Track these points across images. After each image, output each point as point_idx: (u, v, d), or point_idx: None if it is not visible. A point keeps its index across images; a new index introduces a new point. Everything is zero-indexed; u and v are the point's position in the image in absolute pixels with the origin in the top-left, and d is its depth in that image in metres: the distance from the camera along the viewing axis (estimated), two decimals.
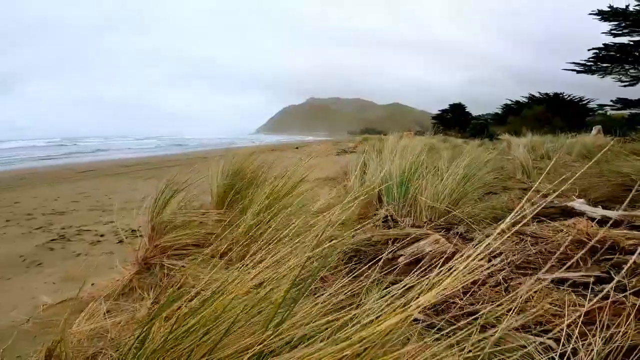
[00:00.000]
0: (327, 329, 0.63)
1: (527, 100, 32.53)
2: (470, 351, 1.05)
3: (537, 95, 31.83)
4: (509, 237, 1.61)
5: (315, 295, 0.81)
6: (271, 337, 0.60)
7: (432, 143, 9.81)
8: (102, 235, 3.30)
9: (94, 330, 1.48)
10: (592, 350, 0.94)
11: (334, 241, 1.16)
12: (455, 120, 38.74)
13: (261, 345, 0.59)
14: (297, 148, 18.96)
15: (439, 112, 42.35)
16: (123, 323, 1.50)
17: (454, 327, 1.20)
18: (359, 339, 0.57)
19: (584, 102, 29.90)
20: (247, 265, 0.82)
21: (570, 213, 1.92)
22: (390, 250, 1.56)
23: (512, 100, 34.72)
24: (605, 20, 24.49)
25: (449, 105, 41.36)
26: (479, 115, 39.89)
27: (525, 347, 1.04)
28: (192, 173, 2.69)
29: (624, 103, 25.52)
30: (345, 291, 0.84)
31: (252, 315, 0.68)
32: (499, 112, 35.87)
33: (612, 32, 24.41)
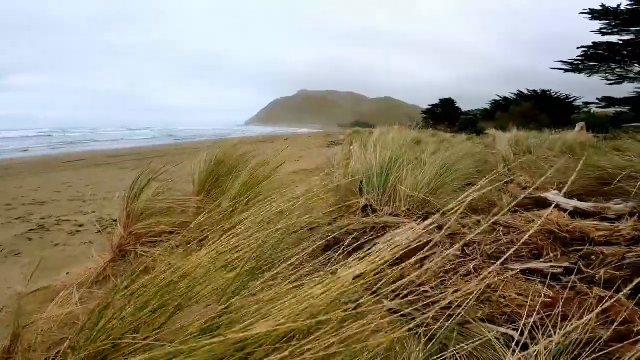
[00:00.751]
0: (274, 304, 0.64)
1: (515, 97, 32.99)
2: (430, 338, 1.07)
3: (525, 92, 32.30)
4: (484, 227, 1.64)
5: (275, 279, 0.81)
6: (222, 312, 0.60)
7: (420, 137, 9.88)
8: (81, 226, 3.26)
9: (67, 317, 1.47)
10: (552, 341, 0.96)
11: (286, 223, 1.17)
12: (444, 115, 39.02)
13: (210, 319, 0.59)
14: (286, 139, 18.88)
15: (429, 106, 42.54)
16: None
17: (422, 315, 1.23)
18: (302, 309, 0.58)
19: (570, 100, 30.44)
20: (212, 248, 0.82)
21: (544, 204, 1.96)
22: (366, 240, 1.57)
23: (500, 97, 35.20)
24: (595, 19, 24.66)
25: (439, 100, 41.59)
26: (469, 110, 40.28)
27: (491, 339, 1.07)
28: (177, 163, 2.67)
29: (609, 101, 26.02)
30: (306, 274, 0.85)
31: (208, 291, 0.69)
32: (488, 108, 36.33)
33: (602, 30, 24.63)
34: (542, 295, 1.15)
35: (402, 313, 1.11)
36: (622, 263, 1.30)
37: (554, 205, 1.93)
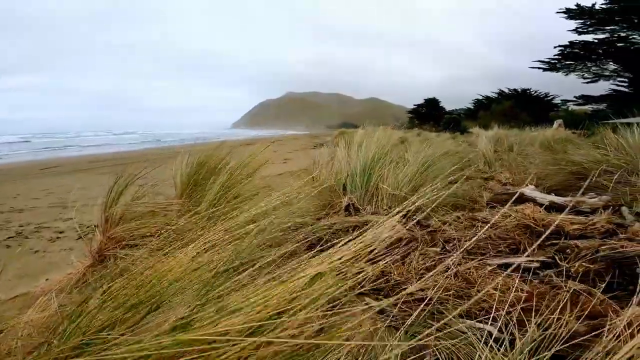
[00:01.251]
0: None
1: (497, 96, 33.86)
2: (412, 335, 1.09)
3: (506, 91, 33.18)
4: (462, 222, 1.67)
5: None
6: (198, 309, 0.60)
7: (405, 136, 10.01)
8: (61, 232, 3.21)
9: (47, 321, 1.45)
10: (528, 337, 0.98)
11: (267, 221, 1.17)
12: (429, 114, 39.60)
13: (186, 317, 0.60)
14: (273, 142, 18.81)
15: (415, 106, 43.10)
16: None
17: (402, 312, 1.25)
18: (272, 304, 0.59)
19: (549, 98, 31.40)
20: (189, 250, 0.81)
21: (521, 199, 2.01)
22: (348, 240, 1.58)
23: (482, 96, 36.03)
24: (571, 19, 25.42)
25: (424, 100, 42.21)
26: (453, 110, 41.04)
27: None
28: (158, 166, 2.64)
29: (586, 99, 26.95)
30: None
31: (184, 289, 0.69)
32: (471, 107, 37.13)
33: (578, 30, 25.41)
34: (519, 290, 1.18)
35: (380, 309, 1.12)
36: (596, 256, 1.34)
37: (534, 201, 1.98)
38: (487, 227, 1.43)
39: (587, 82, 26.58)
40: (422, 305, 1.27)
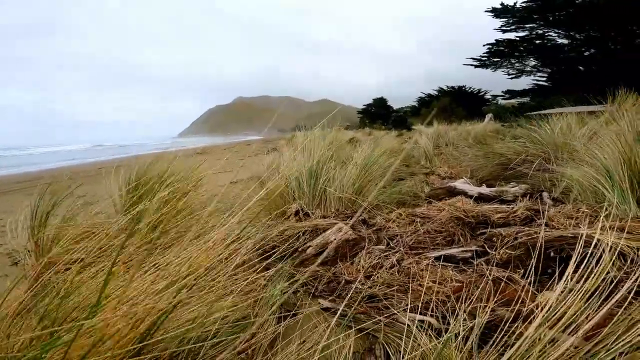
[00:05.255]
0: None
1: (437, 93, 36.27)
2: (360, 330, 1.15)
3: (445, 88, 35.62)
4: (404, 218, 1.79)
5: None
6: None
7: (356, 136, 10.29)
8: None
9: None
10: (459, 326, 1.07)
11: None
12: (378, 113, 41.14)
13: None
14: (225, 149, 18.30)
15: (364, 106, 44.51)
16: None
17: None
18: None
19: (481, 94, 34.26)
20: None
21: (454, 192, 2.19)
22: (301, 249, 1.62)
23: (425, 94, 38.31)
24: (497, 17, 27.25)
25: (373, 99, 43.81)
26: (400, 108, 43.08)
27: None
28: (97, 182, 2.47)
29: (511, 94, 29.60)
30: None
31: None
32: (415, 104, 39.31)
33: (502, 28, 27.42)
34: (454, 280, 1.30)
35: (331, 309, 1.17)
36: (515, 243, 1.50)
37: (465, 193, 2.15)
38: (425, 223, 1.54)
39: (511, 78, 28.97)
40: (370, 303, 1.36)
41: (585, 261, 0.95)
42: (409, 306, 1.27)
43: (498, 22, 27.44)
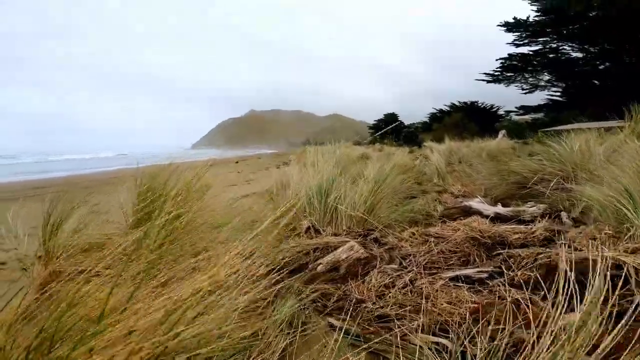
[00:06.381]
0: None
1: (448, 109, 35.95)
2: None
3: (457, 103, 35.26)
4: (417, 238, 1.75)
5: None
6: None
7: (367, 152, 10.30)
8: (3, 263, 2.96)
9: None
10: (478, 348, 1.03)
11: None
12: (389, 129, 41.12)
13: None
14: (237, 162, 18.53)
15: (375, 122, 44.60)
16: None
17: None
18: None
19: (494, 110, 33.71)
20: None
21: (469, 212, 2.14)
22: (312, 266, 1.60)
23: (437, 109, 38.09)
24: (510, 32, 26.84)
25: (384, 115, 43.89)
26: (411, 124, 42.97)
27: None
28: (110, 192, 2.50)
29: (525, 109, 28.93)
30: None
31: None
32: (427, 120, 39.10)
33: (515, 42, 27.00)
34: (469, 301, 1.25)
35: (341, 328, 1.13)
36: (535, 264, 1.45)
37: (480, 213, 2.10)
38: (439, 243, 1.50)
39: (525, 93, 28.43)
40: (381, 323, 1.31)
41: (609, 283, 0.91)
42: (422, 327, 1.23)
43: (510, 37, 27.12)
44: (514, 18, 26.20)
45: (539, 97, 28.60)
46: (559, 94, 27.57)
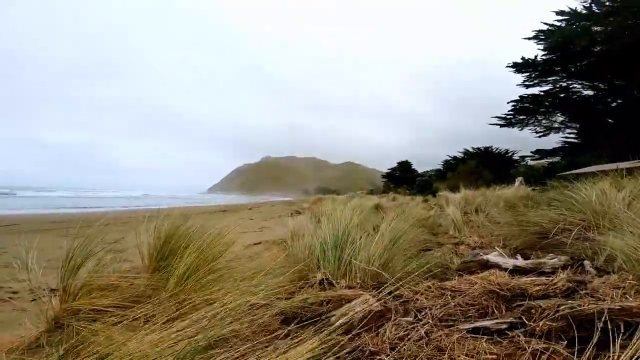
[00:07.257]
0: None
1: (462, 155, 35.56)
2: None
3: (470, 149, 34.72)
4: (433, 291, 1.71)
5: None
6: None
7: (380, 202, 10.31)
8: (15, 293, 3.03)
9: None
10: None
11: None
12: (403, 177, 41.13)
13: None
14: (250, 209, 18.74)
15: (389, 170, 44.89)
16: None
17: None
18: None
19: (509, 155, 32.93)
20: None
21: (486, 265, 2.09)
22: (325, 315, 1.58)
23: (450, 156, 37.95)
24: (519, 72, 25.31)
25: (397, 163, 44.22)
26: (425, 171, 42.92)
27: None
28: (126, 232, 2.57)
29: (541, 154, 27.34)
30: None
31: None
32: (441, 168, 38.93)
33: (525, 83, 25.51)
34: (487, 352, 1.20)
35: None
36: (557, 315, 1.39)
37: (498, 266, 2.06)
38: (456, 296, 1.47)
39: (540, 136, 26.75)
40: None
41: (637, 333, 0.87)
42: None
43: (520, 78, 25.70)
44: (522, 58, 25.08)
45: (553, 140, 27.30)
46: (573, 135, 26.12)
